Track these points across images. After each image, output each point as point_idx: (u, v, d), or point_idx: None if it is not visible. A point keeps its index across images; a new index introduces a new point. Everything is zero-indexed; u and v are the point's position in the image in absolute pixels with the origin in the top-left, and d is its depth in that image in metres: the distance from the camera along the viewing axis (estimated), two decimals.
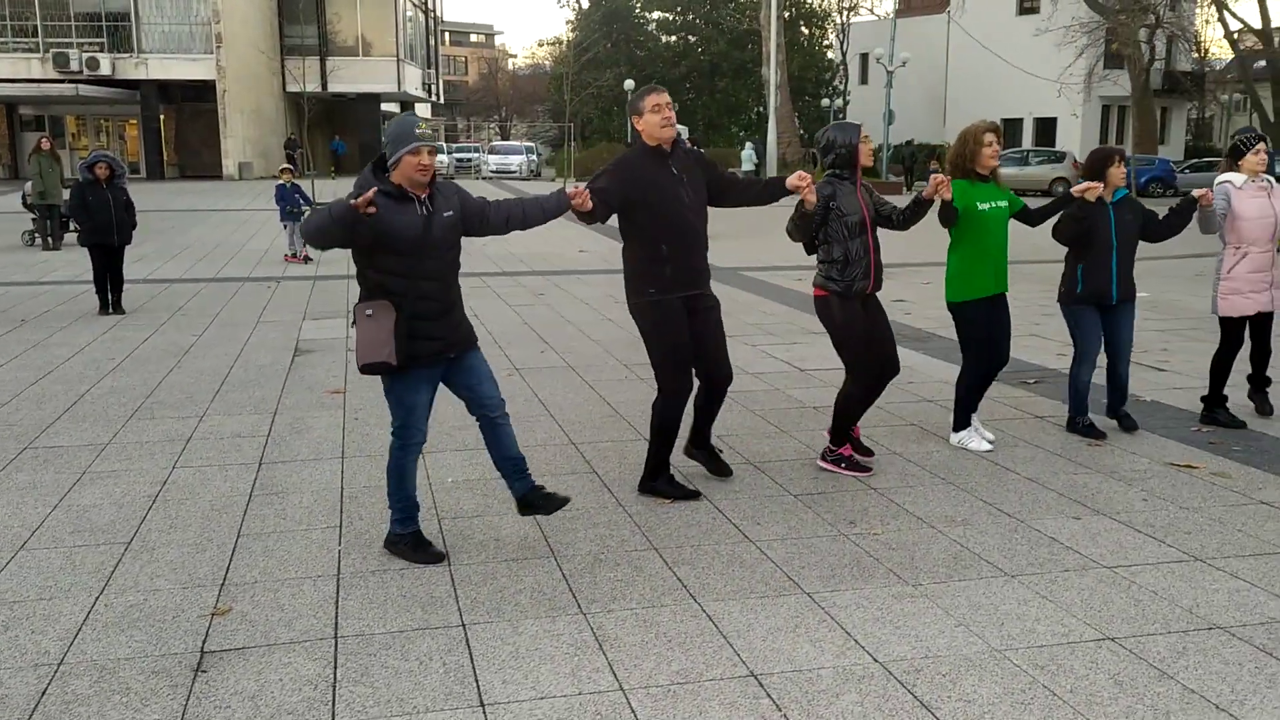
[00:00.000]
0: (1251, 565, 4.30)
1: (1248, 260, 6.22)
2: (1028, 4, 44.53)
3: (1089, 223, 5.90)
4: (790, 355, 8.53)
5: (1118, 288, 5.98)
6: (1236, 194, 6.19)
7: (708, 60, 52.18)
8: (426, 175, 4.04)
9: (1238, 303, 6.30)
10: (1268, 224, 6.17)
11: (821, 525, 4.75)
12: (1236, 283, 6.26)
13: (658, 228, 4.83)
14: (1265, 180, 6.22)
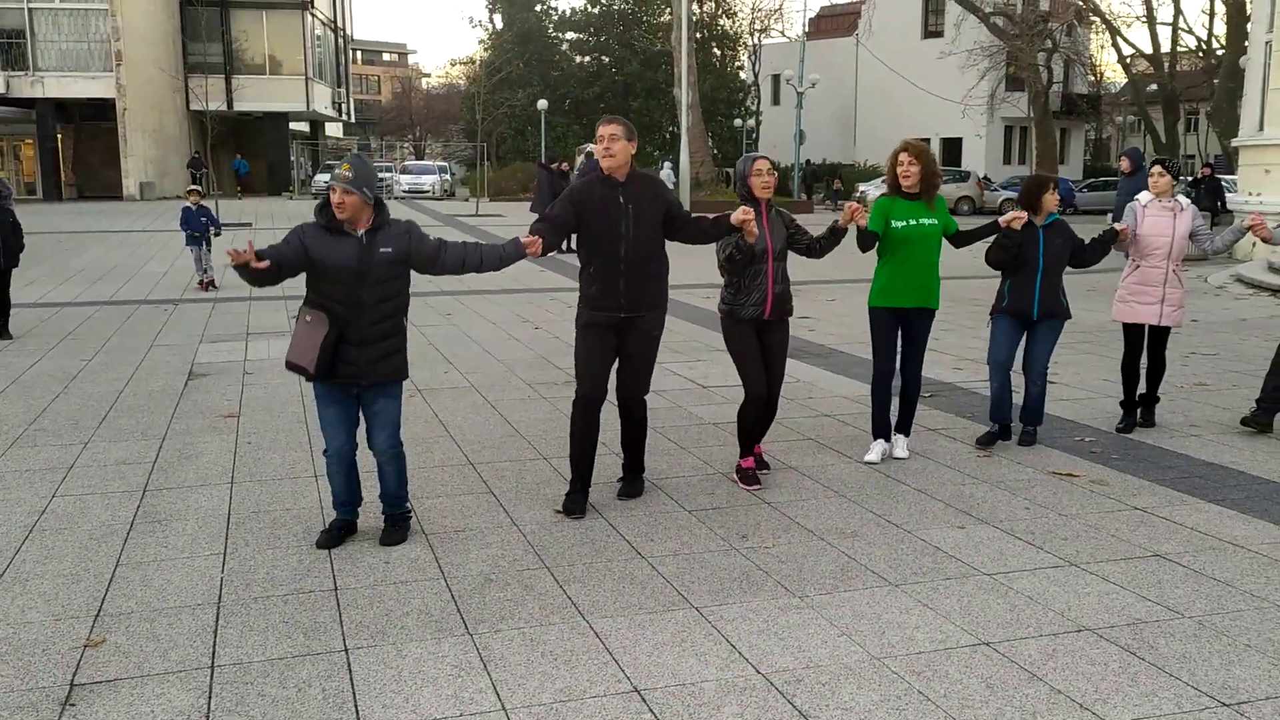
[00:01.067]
0: (1122, 569, 4.46)
1: (1139, 272, 6.59)
2: (932, 28, 45.80)
3: (1018, 248, 6.14)
4: (694, 373, 8.61)
5: (1039, 306, 6.21)
6: (1141, 211, 6.59)
7: (621, 81, 52.48)
8: (342, 212, 4.38)
9: (1123, 309, 6.71)
10: (1163, 242, 6.50)
11: (714, 540, 4.80)
12: (1125, 291, 6.68)
13: (593, 252, 5.09)
14: (1174, 201, 6.56)
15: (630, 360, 5.21)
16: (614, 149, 5.03)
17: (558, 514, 5.12)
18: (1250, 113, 18.97)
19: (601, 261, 5.07)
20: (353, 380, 4.54)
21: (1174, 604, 4.10)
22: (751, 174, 5.41)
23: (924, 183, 5.83)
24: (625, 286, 5.06)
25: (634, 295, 5.09)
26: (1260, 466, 5.93)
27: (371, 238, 4.46)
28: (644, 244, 5.09)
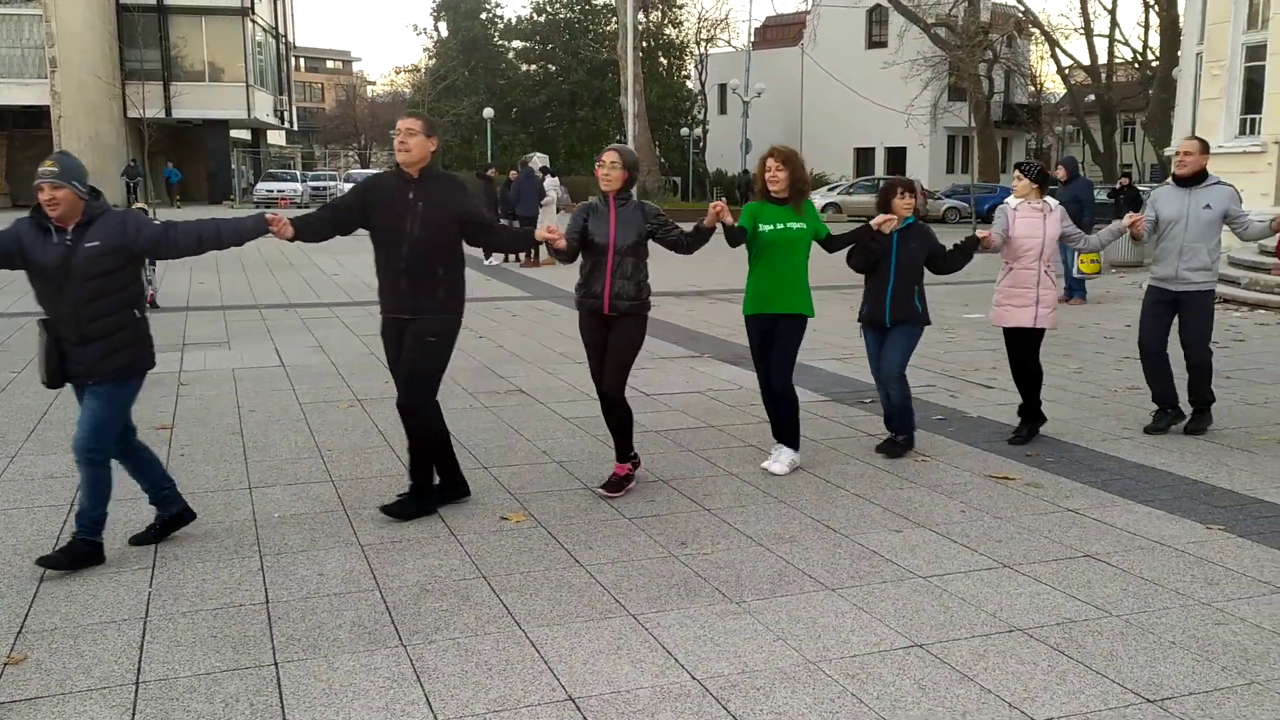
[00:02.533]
0: (1053, 569, 4.53)
1: (1012, 274, 6.55)
2: (876, 38, 46.39)
3: (879, 253, 6.15)
4: (635, 380, 8.58)
5: (891, 312, 6.17)
6: (1012, 214, 6.56)
7: (568, 89, 52.49)
8: (54, 209, 4.25)
9: (1000, 314, 6.64)
10: (1034, 243, 6.47)
11: (653, 547, 4.79)
12: (1001, 295, 6.62)
13: (377, 247, 5.04)
14: (1043, 203, 6.53)
15: (405, 361, 5.04)
16: (409, 144, 4.93)
17: (502, 519, 5.09)
18: (1183, 122, 19.44)
19: (384, 259, 5.00)
20: (82, 380, 4.43)
21: (1103, 603, 4.17)
22: (597, 165, 5.45)
23: (792, 188, 5.75)
24: (408, 286, 4.95)
25: (416, 297, 4.97)
26: (1188, 468, 6.06)
27: (79, 234, 4.30)
28: (430, 245, 4.94)
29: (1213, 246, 6.69)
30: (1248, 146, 16.73)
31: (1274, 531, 4.98)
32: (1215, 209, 6.62)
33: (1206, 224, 6.62)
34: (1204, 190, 6.67)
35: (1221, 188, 6.71)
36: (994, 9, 40.28)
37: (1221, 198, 6.66)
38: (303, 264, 18.60)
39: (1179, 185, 6.76)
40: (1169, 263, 6.74)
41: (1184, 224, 6.65)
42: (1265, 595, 4.24)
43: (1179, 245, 6.66)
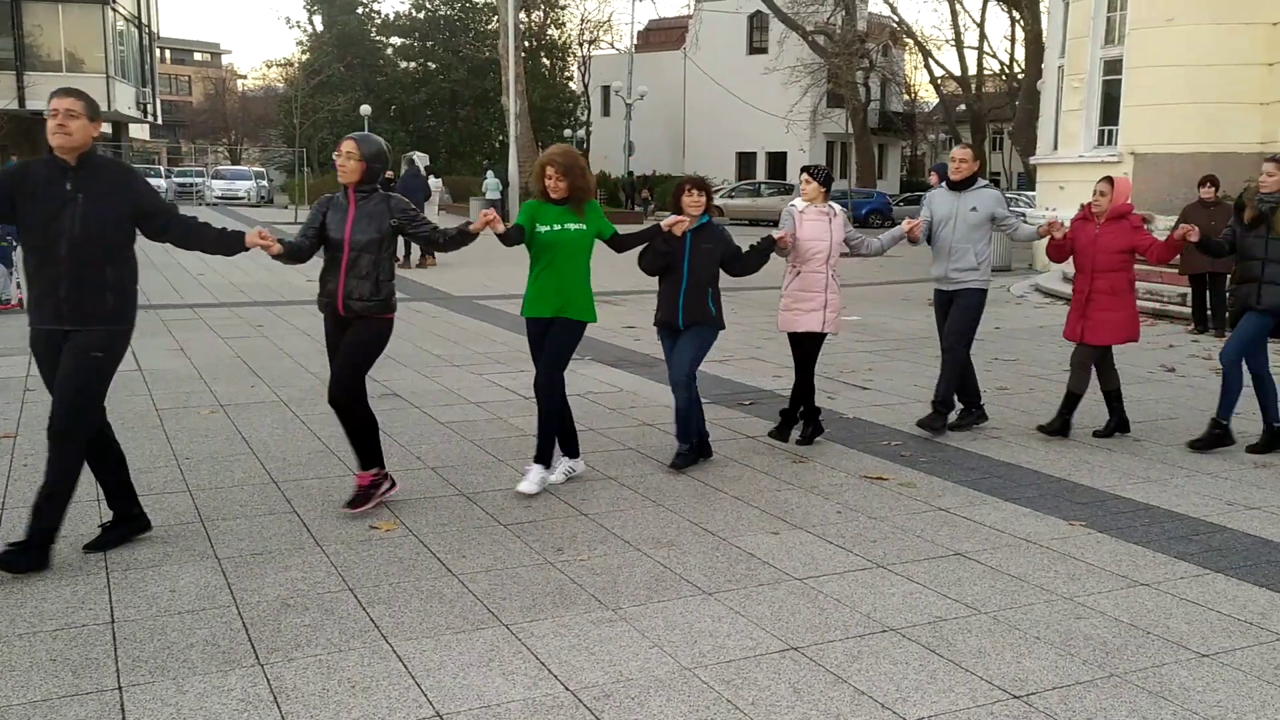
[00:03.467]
0: (925, 569, 4.58)
1: (800, 279, 6.49)
2: (757, 44, 47.07)
3: (670, 255, 5.93)
4: (516, 383, 8.47)
5: (684, 314, 5.96)
6: (799, 216, 6.49)
7: (448, 88, 51.80)
8: None
9: (789, 319, 6.54)
10: (822, 246, 6.43)
11: (529, 554, 4.68)
12: (789, 299, 6.53)
13: (28, 247, 4.34)
14: (828, 207, 6.51)
15: (60, 383, 4.33)
16: (70, 126, 4.22)
17: (372, 528, 4.91)
18: (1046, 132, 20.21)
19: (37, 259, 4.28)
20: None
21: (972, 600, 4.23)
22: (335, 154, 5.21)
23: (571, 195, 5.51)
24: (66, 292, 4.27)
25: (76, 304, 4.28)
26: (1052, 465, 6.24)
27: None
28: (94, 244, 4.28)
29: (980, 248, 6.84)
30: (1106, 156, 17.48)
31: (1130, 526, 5.15)
32: (981, 211, 6.78)
33: (973, 226, 6.79)
34: (971, 194, 6.83)
35: (988, 191, 6.92)
36: (870, 19, 41.34)
37: (988, 201, 6.83)
38: (166, 263, 17.83)
39: (951, 189, 6.92)
40: (940, 263, 6.93)
41: (952, 225, 6.83)
42: (1123, 589, 4.37)
43: (948, 246, 6.84)
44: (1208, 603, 4.23)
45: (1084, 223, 6.82)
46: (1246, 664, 3.70)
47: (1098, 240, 6.68)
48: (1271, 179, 6.40)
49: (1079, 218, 6.88)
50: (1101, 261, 6.67)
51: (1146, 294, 13.02)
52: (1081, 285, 6.81)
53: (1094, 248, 6.70)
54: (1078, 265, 6.86)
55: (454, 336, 10.87)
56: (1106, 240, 6.66)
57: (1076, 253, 6.83)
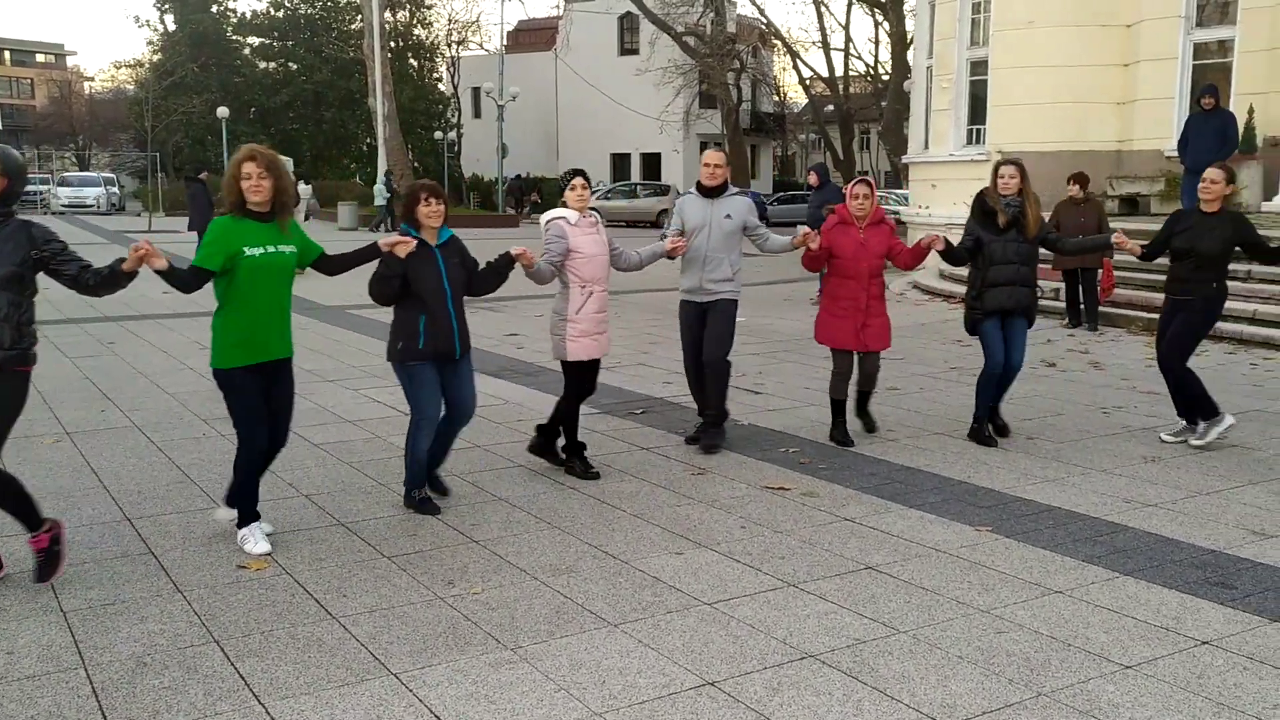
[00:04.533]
0: (838, 585, 4.38)
1: (594, 300, 5.85)
2: (628, 45, 47.03)
3: (399, 280, 5.10)
4: (395, 398, 8.00)
5: (460, 339, 5.25)
6: (572, 230, 5.79)
7: (311, 89, 50.21)
8: None
9: (575, 347, 5.85)
10: (604, 261, 5.90)
11: (417, 590, 4.31)
12: (584, 325, 5.83)
13: None
14: (595, 216, 5.96)
15: None
16: None
17: (240, 568, 4.45)
18: (917, 132, 20.58)
19: None
20: None
21: (889, 619, 4.05)
22: None
23: (276, 200, 4.65)
24: None
25: None
26: (951, 468, 6.16)
27: None
28: None
29: (735, 258, 6.48)
30: (974, 155, 17.86)
31: (1036, 530, 5.07)
32: (736, 219, 6.45)
33: (728, 234, 6.42)
34: (725, 201, 6.48)
35: (741, 198, 6.62)
36: (739, 20, 41.74)
37: (741, 208, 6.51)
38: None
39: (704, 195, 6.49)
40: (693, 273, 6.45)
41: (707, 233, 6.40)
42: (1037, 598, 4.26)
43: (703, 255, 6.40)
44: (1122, 608, 4.15)
45: (845, 228, 6.61)
46: (1170, 674, 3.60)
47: (866, 245, 6.55)
48: (1012, 181, 6.49)
49: (835, 224, 6.67)
50: (875, 266, 6.59)
51: None
52: (856, 292, 6.57)
53: (864, 253, 6.54)
54: (847, 272, 6.57)
55: (326, 349, 10.32)
56: (874, 245, 6.57)
57: (844, 260, 6.55)
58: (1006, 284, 6.54)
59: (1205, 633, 3.92)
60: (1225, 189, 6.41)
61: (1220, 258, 6.41)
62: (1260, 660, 3.69)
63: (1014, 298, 6.56)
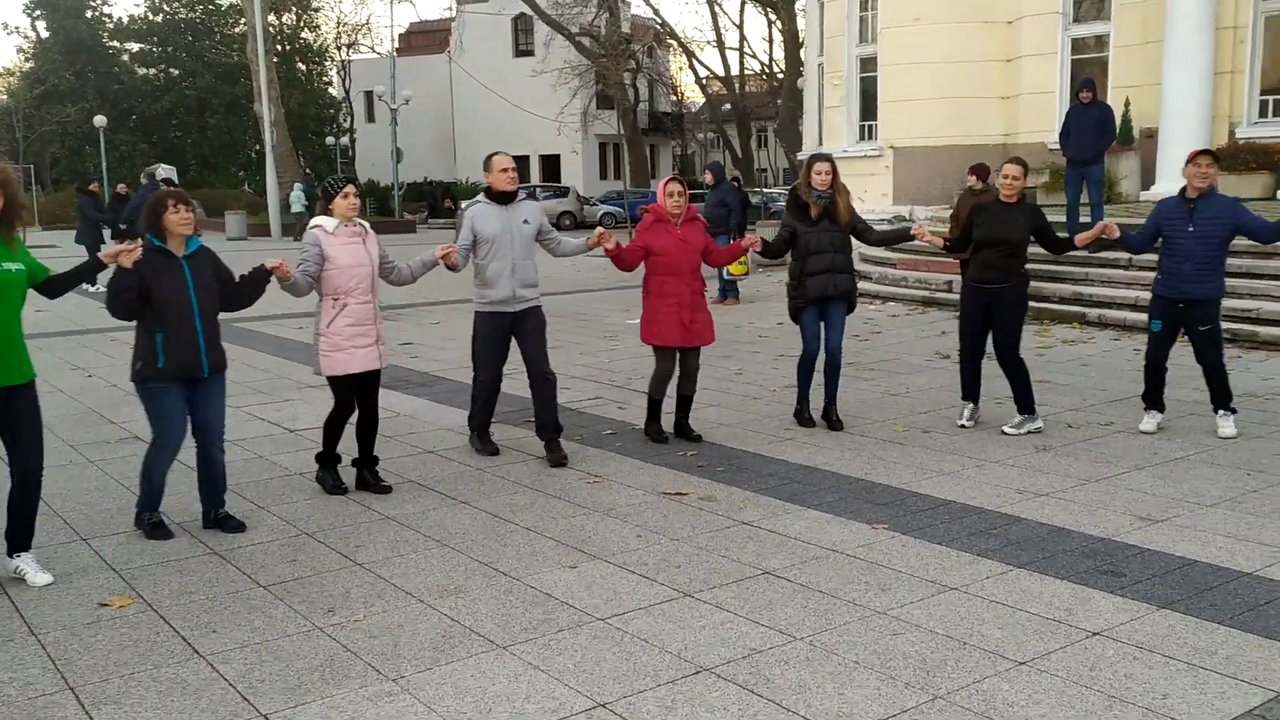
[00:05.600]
0: (734, 593, 4.29)
1: (348, 312, 5.58)
2: (523, 47, 46.68)
3: (134, 293, 4.76)
4: (280, 414, 7.71)
5: (209, 358, 4.95)
6: (328, 239, 5.51)
7: (194, 95, 48.71)
8: None
9: (340, 360, 5.61)
10: (365, 272, 5.61)
11: (293, 620, 4.08)
12: (339, 337, 5.57)
13: None
14: (359, 225, 5.66)
15: None
16: None
17: (101, 605, 4.16)
18: (811, 129, 20.80)
19: None
20: None
21: (786, 625, 3.96)
22: None
23: (6, 214, 4.31)
24: None
25: None
26: (849, 465, 6.13)
27: None
28: None
29: (533, 262, 6.40)
30: (867, 151, 18.12)
31: (932, 525, 5.05)
32: (533, 223, 6.33)
33: (529, 239, 6.33)
34: (520, 206, 6.34)
35: (532, 203, 6.52)
36: (634, 20, 41.76)
37: (536, 212, 6.43)
38: None
39: (499, 203, 6.27)
40: (504, 283, 6.24)
41: (510, 240, 6.23)
42: (934, 596, 4.22)
43: (510, 263, 6.22)
44: (1016, 603, 4.13)
45: (663, 225, 6.58)
46: (1063, 668, 3.58)
47: (685, 243, 6.59)
48: (824, 175, 6.73)
49: (653, 222, 6.63)
50: (695, 262, 6.66)
51: (916, 282, 13.47)
52: (680, 288, 6.54)
53: (685, 250, 6.58)
54: (670, 269, 6.54)
55: None
56: (693, 241, 6.65)
57: (665, 257, 6.53)
58: (824, 272, 6.79)
59: (1096, 623, 3.92)
60: (1023, 182, 6.82)
61: (1026, 245, 6.81)
62: (1149, 649, 3.70)
63: (832, 283, 6.82)
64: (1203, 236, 6.35)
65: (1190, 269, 6.37)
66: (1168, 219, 6.51)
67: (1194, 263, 6.36)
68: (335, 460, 5.86)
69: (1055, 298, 11.42)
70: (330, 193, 5.62)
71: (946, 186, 16.68)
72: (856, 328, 11.37)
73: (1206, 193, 6.38)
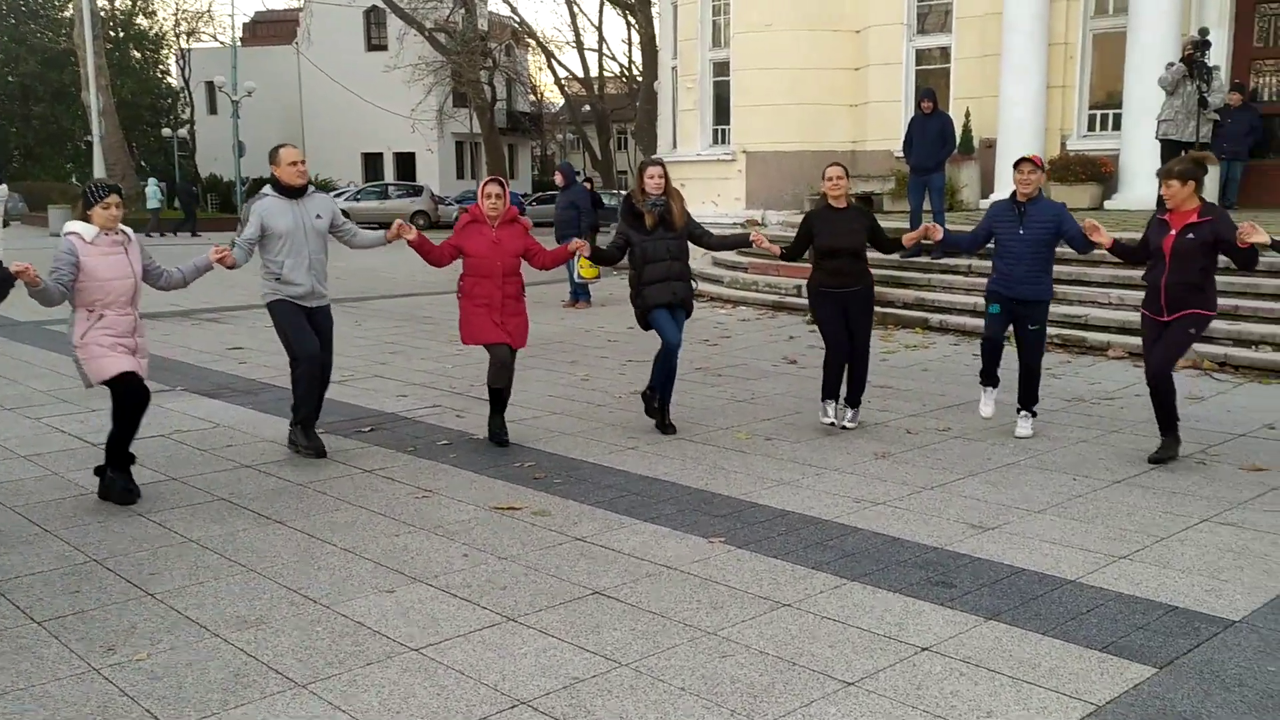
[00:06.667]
0: (561, 616, 4.06)
1: (104, 324, 5.31)
2: (376, 41, 45.48)
3: None
4: (85, 427, 7.11)
5: None
6: (86, 248, 5.21)
7: (17, 82, 45.76)
8: None
9: (109, 362, 5.32)
10: (127, 285, 5.36)
11: (67, 660, 3.66)
12: (94, 349, 5.30)
13: None
14: (122, 233, 5.39)
15: None
16: None
17: None
18: (665, 132, 20.78)
19: None
20: None
21: (612, 650, 3.76)
22: None
23: None
24: None
25: None
26: (689, 475, 5.98)
27: None
28: None
29: (327, 257, 6.31)
30: (721, 155, 18.18)
31: (768, 537, 4.94)
32: (325, 218, 6.23)
33: (322, 234, 6.20)
34: (311, 200, 6.21)
35: (323, 196, 6.40)
36: (491, 18, 41.16)
37: (328, 206, 6.34)
38: None
39: (290, 197, 6.14)
40: (303, 280, 6.12)
41: (303, 235, 6.08)
42: (765, 613, 4.09)
43: (307, 259, 6.09)
44: (847, 618, 4.03)
45: (478, 226, 6.48)
46: (890, 687, 3.48)
47: (500, 245, 6.47)
48: (656, 180, 6.71)
49: (468, 222, 6.54)
50: (509, 265, 6.52)
51: (766, 286, 13.53)
52: (491, 290, 6.43)
53: (499, 252, 6.45)
54: (482, 271, 6.44)
55: (11, 372, 9.13)
56: (509, 244, 6.52)
57: (478, 259, 6.44)
58: (661, 280, 6.72)
59: (925, 638, 3.85)
60: (849, 184, 7.00)
61: (866, 248, 6.93)
62: (975, 663, 3.64)
63: (671, 291, 6.74)
64: (1031, 240, 6.50)
65: (1022, 270, 6.52)
66: (1000, 221, 6.65)
67: (1025, 264, 6.52)
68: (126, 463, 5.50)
69: (899, 303, 11.61)
70: (90, 200, 5.23)
71: (798, 191, 16.88)
72: (706, 332, 11.33)
73: (1035, 197, 6.53)
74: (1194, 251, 5.82)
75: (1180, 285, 5.86)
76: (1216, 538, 4.87)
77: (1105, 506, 5.33)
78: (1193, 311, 5.89)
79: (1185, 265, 5.84)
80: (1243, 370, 8.44)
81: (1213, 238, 5.78)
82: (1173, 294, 5.88)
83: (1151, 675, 3.54)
